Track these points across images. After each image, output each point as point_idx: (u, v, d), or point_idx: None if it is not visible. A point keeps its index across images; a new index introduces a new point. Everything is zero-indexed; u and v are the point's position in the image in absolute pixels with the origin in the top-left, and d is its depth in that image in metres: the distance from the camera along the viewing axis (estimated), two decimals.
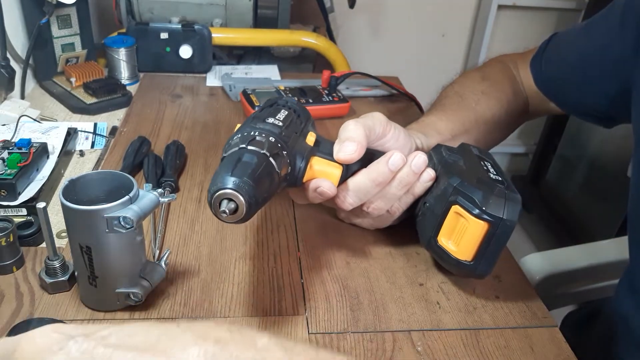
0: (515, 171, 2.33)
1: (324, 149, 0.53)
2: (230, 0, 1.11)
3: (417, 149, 0.61)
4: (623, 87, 0.59)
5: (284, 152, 0.47)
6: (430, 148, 0.60)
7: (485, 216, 0.48)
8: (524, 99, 0.74)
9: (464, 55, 2.05)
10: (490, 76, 0.73)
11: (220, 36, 1.09)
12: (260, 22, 1.16)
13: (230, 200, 0.41)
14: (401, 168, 0.53)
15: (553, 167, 2.02)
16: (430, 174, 0.54)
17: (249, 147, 0.45)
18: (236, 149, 0.45)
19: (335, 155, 0.52)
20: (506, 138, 0.76)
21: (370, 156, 0.54)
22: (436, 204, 0.53)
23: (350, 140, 0.51)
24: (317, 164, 0.52)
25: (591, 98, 0.65)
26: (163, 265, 0.51)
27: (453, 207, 0.50)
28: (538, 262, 0.88)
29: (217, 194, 0.41)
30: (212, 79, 1.04)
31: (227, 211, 0.41)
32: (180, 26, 1.04)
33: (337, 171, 0.52)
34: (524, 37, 2.01)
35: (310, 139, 0.54)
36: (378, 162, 0.52)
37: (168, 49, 1.04)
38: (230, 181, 0.41)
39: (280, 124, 0.50)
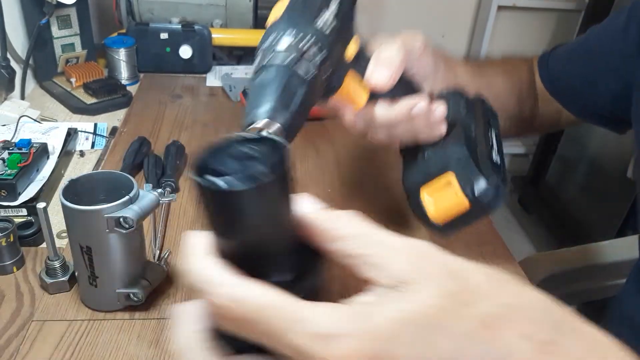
0: (515, 171, 2.33)
1: (361, 63, 0.48)
2: (230, 0, 1.11)
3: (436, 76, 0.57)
4: (626, 85, 0.60)
5: (329, 74, 0.42)
6: (446, 81, 0.57)
7: (473, 198, 0.48)
8: (535, 95, 0.73)
9: (464, 55, 2.05)
10: (514, 62, 0.73)
11: (220, 36, 1.09)
12: (260, 22, 1.16)
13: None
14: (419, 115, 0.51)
15: (553, 167, 2.02)
16: (441, 130, 0.53)
17: (299, 71, 0.38)
18: (282, 65, 0.38)
19: (367, 77, 0.48)
20: (509, 135, 0.75)
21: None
22: (435, 160, 0.53)
23: (385, 66, 0.48)
24: (350, 82, 0.47)
25: (595, 96, 0.65)
26: (163, 265, 0.51)
27: (448, 173, 0.50)
28: (538, 263, 0.88)
29: (253, 126, 0.36)
30: (212, 79, 1.04)
31: None
32: (180, 26, 1.04)
33: (364, 98, 0.49)
34: (523, 38, 2.01)
35: (352, 48, 0.46)
36: (400, 105, 0.50)
37: (168, 49, 1.04)
38: (271, 112, 0.36)
39: (333, 24, 0.41)
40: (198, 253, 0.26)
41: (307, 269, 0.30)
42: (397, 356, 0.22)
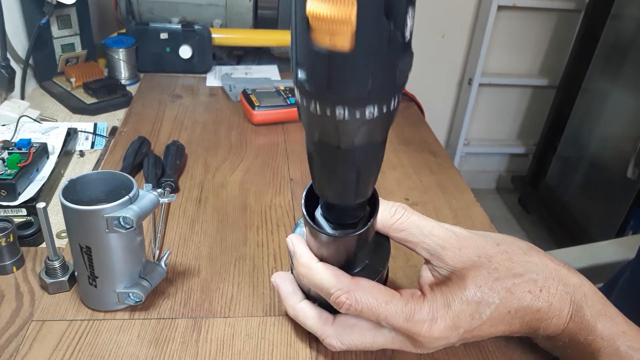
0: (515, 172, 2.33)
1: None
2: (230, 0, 1.11)
3: None
4: None
5: None
6: None
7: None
8: None
9: (464, 55, 2.05)
10: None
11: (220, 36, 1.09)
12: (260, 22, 1.16)
13: None
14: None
15: (553, 167, 2.02)
16: None
17: None
18: None
19: None
20: None
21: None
22: None
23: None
24: None
25: None
26: (163, 265, 0.51)
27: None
28: None
29: None
30: (212, 79, 1.04)
31: None
32: (180, 26, 1.04)
33: None
34: (523, 38, 2.01)
35: None
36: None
37: (168, 49, 1.04)
38: None
39: None
40: (318, 269, 0.40)
41: (378, 250, 0.43)
42: (465, 322, 0.38)
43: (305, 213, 0.38)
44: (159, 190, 0.49)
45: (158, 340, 0.47)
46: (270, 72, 1.08)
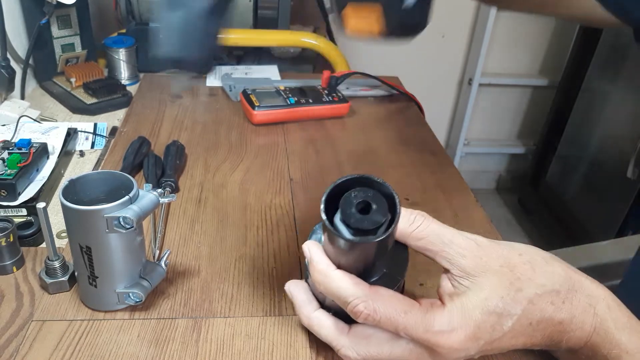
0: (515, 172, 2.33)
1: None
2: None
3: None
4: None
5: None
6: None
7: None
8: None
9: (464, 55, 2.05)
10: None
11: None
12: (260, 22, 1.16)
13: None
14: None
15: (553, 167, 2.02)
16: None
17: None
18: None
19: None
20: None
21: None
22: None
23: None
24: None
25: None
26: (163, 265, 0.51)
27: None
28: None
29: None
30: (212, 79, 1.04)
31: None
32: None
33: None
34: (524, 38, 2.01)
35: None
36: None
37: None
38: None
39: None
40: (333, 275, 0.39)
41: (397, 258, 0.42)
42: (486, 334, 0.37)
43: (325, 218, 0.38)
44: (159, 190, 0.49)
45: (158, 340, 0.47)
46: (270, 72, 1.08)
